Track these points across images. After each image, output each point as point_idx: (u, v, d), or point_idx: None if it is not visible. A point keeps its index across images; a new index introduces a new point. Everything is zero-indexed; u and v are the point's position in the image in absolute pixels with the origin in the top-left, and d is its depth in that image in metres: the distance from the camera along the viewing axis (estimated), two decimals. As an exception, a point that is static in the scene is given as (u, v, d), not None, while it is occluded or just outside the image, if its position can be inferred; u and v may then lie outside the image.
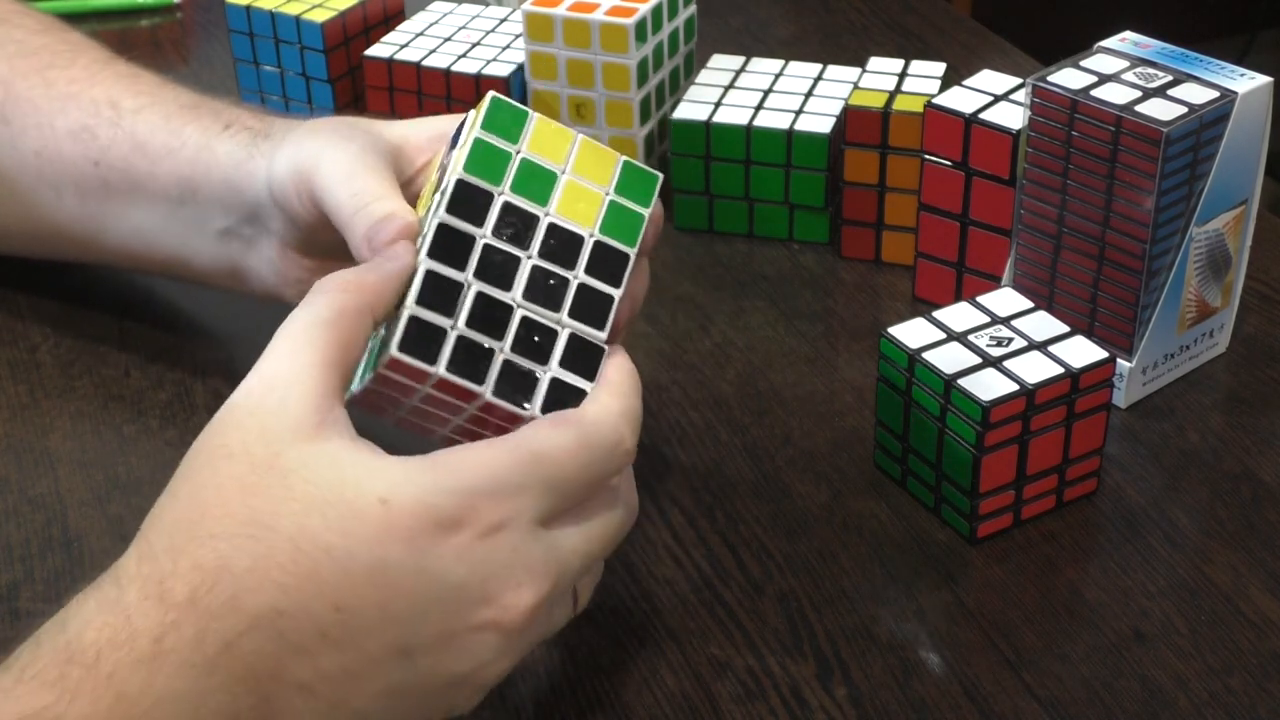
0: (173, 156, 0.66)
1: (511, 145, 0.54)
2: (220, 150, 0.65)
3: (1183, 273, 0.67)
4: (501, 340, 0.52)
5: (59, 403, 0.71)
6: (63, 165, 0.70)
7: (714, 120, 0.80)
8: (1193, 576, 0.60)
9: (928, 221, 0.75)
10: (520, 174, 0.54)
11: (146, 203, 0.68)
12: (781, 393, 0.71)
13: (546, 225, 0.53)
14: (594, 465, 0.50)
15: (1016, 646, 0.57)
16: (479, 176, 0.53)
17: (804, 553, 0.62)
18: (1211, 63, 0.67)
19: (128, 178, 0.68)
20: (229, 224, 0.66)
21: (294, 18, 0.87)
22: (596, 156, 0.55)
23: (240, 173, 0.64)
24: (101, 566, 0.61)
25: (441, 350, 0.51)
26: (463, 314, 0.51)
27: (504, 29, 0.88)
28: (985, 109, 0.72)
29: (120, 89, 0.70)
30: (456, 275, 0.52)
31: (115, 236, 0.70)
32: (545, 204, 0.54)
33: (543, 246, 0.53)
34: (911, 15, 1.08)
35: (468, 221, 0.52)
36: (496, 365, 0.51)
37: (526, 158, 0.54)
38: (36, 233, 0.73)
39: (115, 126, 0.68)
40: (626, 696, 0.55)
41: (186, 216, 0.67)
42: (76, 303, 0.76)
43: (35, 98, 0.71)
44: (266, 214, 0.64)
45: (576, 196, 0.54)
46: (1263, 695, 0.55)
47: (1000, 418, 0.59)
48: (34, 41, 0.73)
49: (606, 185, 0.55)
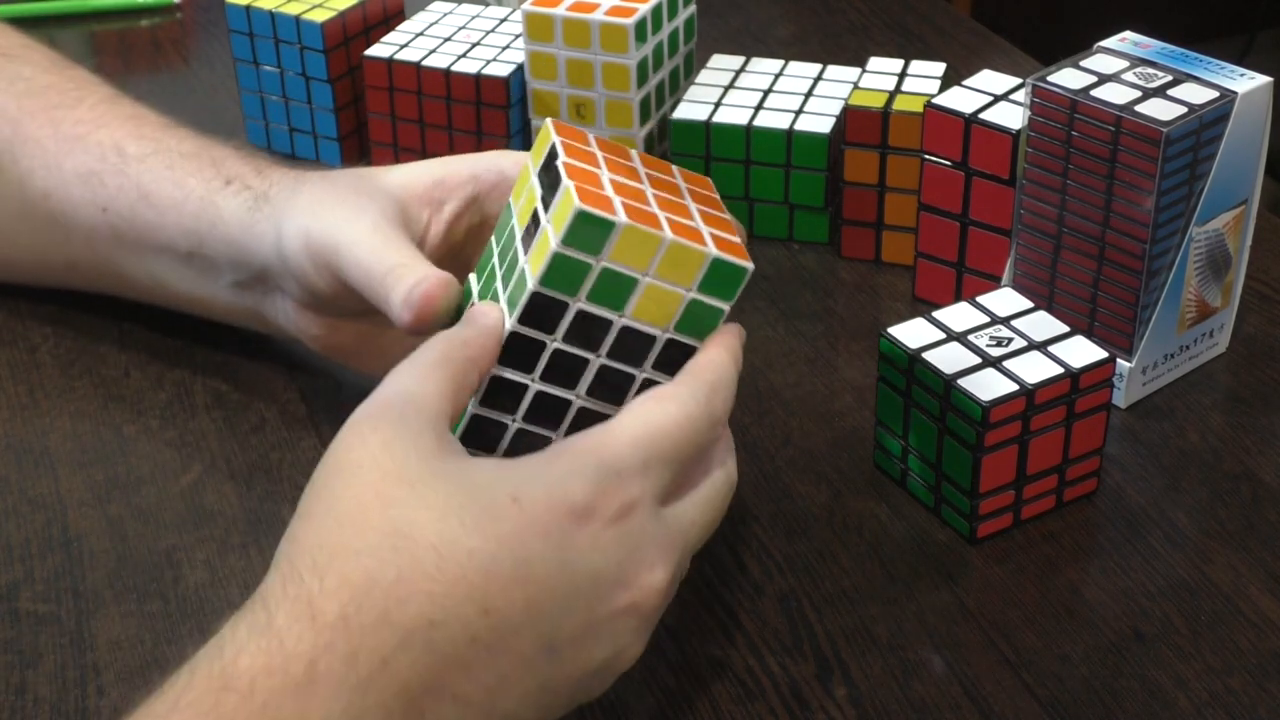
0: (177, 209, 0.67)
1: (593, 258, 0.50)
2: (224, 208, 0.65)
3: (1183, 273, 0.67)
4: (557, 430, 0.54)
5: (59, 403, 0.71)
6: (72, 209, 0.70)
7: (714, 120, 0.80)
8: (1193, 576, 0.60)
9: (928, 221, 0.75)
10: (599, 283, 0.51)
11: (156, 252, 0.68)
12: (781, 393, 0.71)
13: (620, 328, 0.52)
14: (700, 434, 0.51)
15: (1016, 646, 0.57)
16: (555, 289, 0.51)
17: (804, 553, 0.62)
18: (1211, 63, 0.67)
19: (135, 227, 0.68)
20: (240, 278, 0.66)
21: (294, 18, 0.87)
22: (684, 257, 0.51)
23: (247, 236, 0.64)
24: (101, 566, 0.61)
25: (500, 441, 0.54)
26: (522, 409, 0.53)
27: (504, 29, 0.88)
28: (985, 109, 0.72)
29: (125, 133, 0.70)
30: (523, 379, 0.53)
31: (132, 279, 0.71)
32: (621, 310, 0.52)
33: (612, 348, 0.52)
34: (911, 15, 1.08)
35: (539, 330, 0.52)
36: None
37: (608, 266, 0.51)
38: (50, 267, 0.74)
39: (121, 175, 0.69)
40: (626, 696, 0.55)
41: (199, 266, 0.67)
42: (76, 303, 0.76)
43: (43, 138, 0.71)
44: (278, 277, 0.64)
45: (655, 298, 0.52)
46: (1263, 695, 0.55)
47: (1000, 418, 0.59)
48: (41, 80, 0.74)
49: (690, 285, 0.52)
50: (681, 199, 0.55)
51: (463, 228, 0.63)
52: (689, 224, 0.53)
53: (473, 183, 0.62)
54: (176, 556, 0.62)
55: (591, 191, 0.51)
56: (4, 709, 0.55)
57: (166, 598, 0.60)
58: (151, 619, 0.59)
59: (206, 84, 1.01)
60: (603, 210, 0.50)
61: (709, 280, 0.52)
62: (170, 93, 1.00)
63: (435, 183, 0.62)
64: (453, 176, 0.62)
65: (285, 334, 0.67)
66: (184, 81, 1.02)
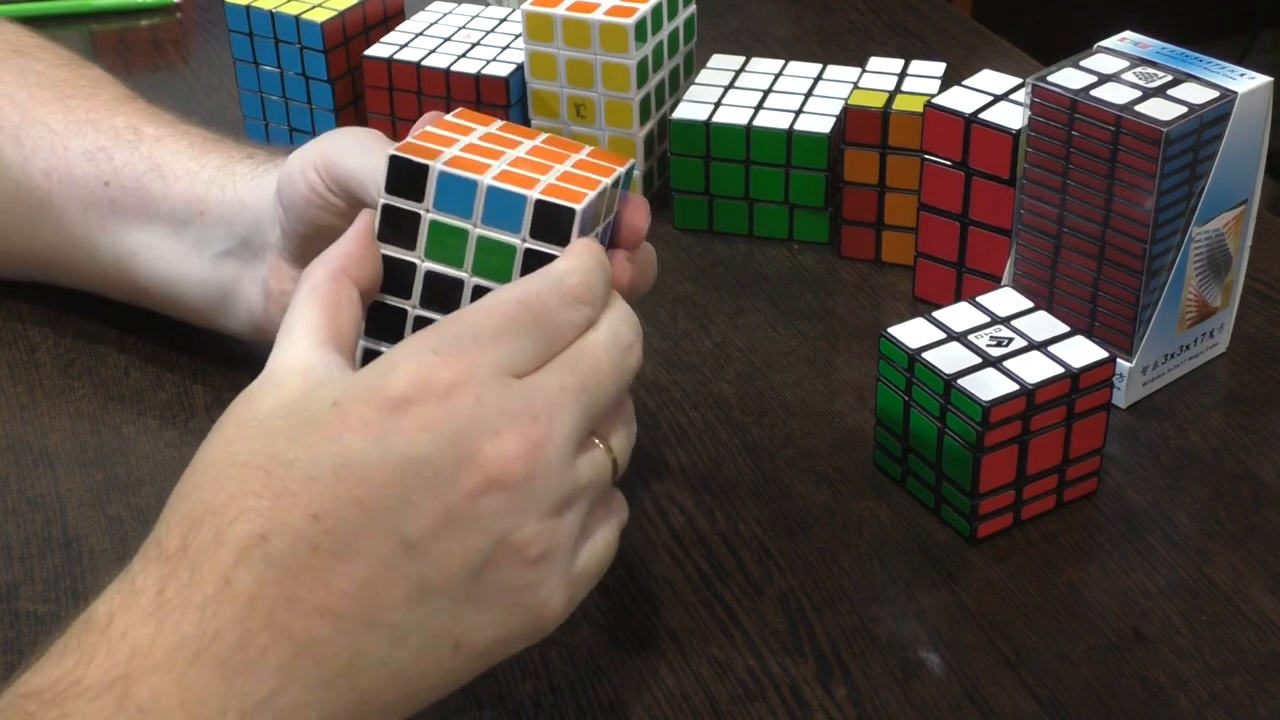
0: (190, 178, 0.68)
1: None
2: (238, 172, 0.68)
3: (1183, 273, 0.67)
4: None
5: (58, 403, 0.71)
6: (70, 185, 0.71)
7: (714, 120, 0.80)
8: (1193, 576, 0.60)
9: (928, 221, 0.75)
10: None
11: (149, 223, 0.69)
12: (781, 393, 0.71)
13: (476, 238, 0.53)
14: (547, 304, 0.49)
15: (1016, 646, 0.57)
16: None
17: (804, 553, 0.62)
18: (1211, 63, 0.67)
19: (138, 196, 0.69)
20: (229, 245, 0.67)
21: (294, 18, 0.87)
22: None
23: (250, 186, 0.66)
24: (101, 566, 0.61)
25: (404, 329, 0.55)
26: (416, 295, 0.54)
27: (504, 29, 0.88)
28: (985, 109, 0.72)
29: (143, 118, 0.72)
30: (408, 257, 0.53)
31: (108, 257, 0.71)
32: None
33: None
34: (911, 15, 1.08)
35: (409, 199, 0.53)
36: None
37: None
38: (32, 258, 0.74)
39: (134, 149, 0.70)
40: (626, 696, 0.55)
41: (188, 238, 0.68)
42: (76, 303, 0.76)
43: (52, 122, 0.72)
44: (267, 225, 0.65)
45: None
46: (1263, 695, 0.55)
47: (1000, 418, 0.59)
48: (55, 74, 0.75)
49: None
50: (549, 162, 0.54)
51: None
52: (525, 174, 0.53)
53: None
54: (176, 556, 0.62)
55: (417, 144, 0.53)
56: (4, 709, 0.55)
57: (166, 598, 0.60)
58: (151, 619, 0.59)
59: (206, 84, 1.01)
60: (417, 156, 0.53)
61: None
62: (170, 93, 1.00)
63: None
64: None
65: (249, 319, 0.68)
66: (184, 81, 1.02)
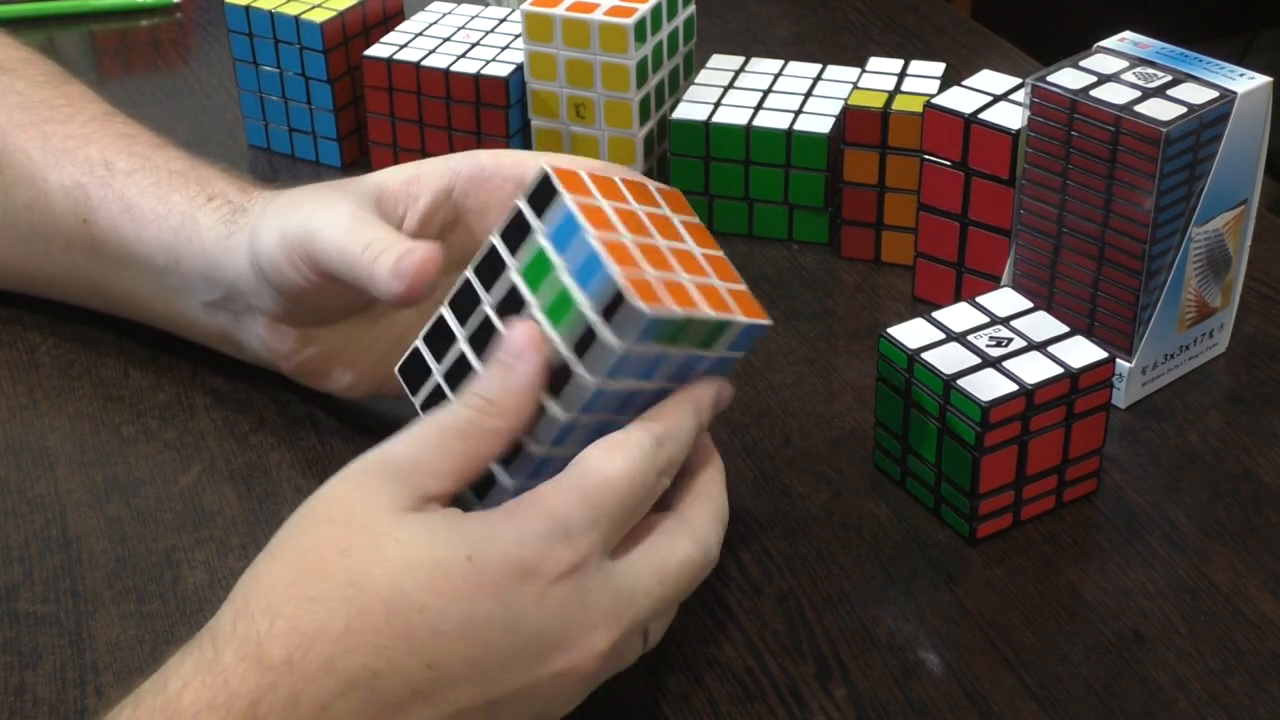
0: (159, 223, 0.67)
1: (657, 346, 0.51)
2: (203, 223, 0.66)
3: (1182, 273, 0.67)
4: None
5: (58, 403, 0.71)
6: (52, 220, 0.70)
7: (713, 120, 0.80)
8: (1193, 576, 0.60)
9: (927, 221, 0.75)
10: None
11: (132, 263, 0.69)
12: (781, 393, 0.71)
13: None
14: (646, 486, 0.51)
15: (1016, 647, 0.57)
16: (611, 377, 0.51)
17: (804, 553, 0.62)
18: (1211, 63, 0.67)
19: (115, 237, 0.69)
20: (213, 298, 0.67)
21: (293, 18, 0.87)
22: (718, 326, 0.53)
23: (220, 248, 0.65)
24: (101, 567, 0.61)
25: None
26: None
27: (503, 29, 0.88)
28: (985, 109, 0.72)
29: (115, 149, 0.71)
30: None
31: (109, 293, 0.71)
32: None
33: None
34: (911, 15, 1.08)
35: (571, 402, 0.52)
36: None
37: (666, 351, 0.51)
38: (31, 278, 0.74)
39: (107, 187, 0.69)
40: (626, 696, 0.55)
41: (173, 283, 0.68)
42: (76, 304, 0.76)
43: (31, 150, 0.71)
44: (249, 291, 0.64)
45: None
46: (1263, 695, 0.55)
47: (1000, 418, 0.59)
48: (35, 94, 0.74)
49: (713, 346, 0.53)
50: (682, 240, 0.55)
51: (437, 223, 0.62)
52: (706, 282, 0.53)
53: (448, 174, 0.62)
54: (176, 557, 0.62)
55: (640, 280, 0.50)
56: (3, 709, 0.55)
57: (165, 598, 0.60)
58: (150, 620, 0.59)
59: (206, 84, 1.01)
60: (660, 307, 0.50)
61: (727, 339, 0.53)
62: (170, 93, 1.00)
63: (410, 179, 0.62)
64: (428, 173, 0.62)
65: (258, 359, 0.68)
66: (184, 81, 1.02)
